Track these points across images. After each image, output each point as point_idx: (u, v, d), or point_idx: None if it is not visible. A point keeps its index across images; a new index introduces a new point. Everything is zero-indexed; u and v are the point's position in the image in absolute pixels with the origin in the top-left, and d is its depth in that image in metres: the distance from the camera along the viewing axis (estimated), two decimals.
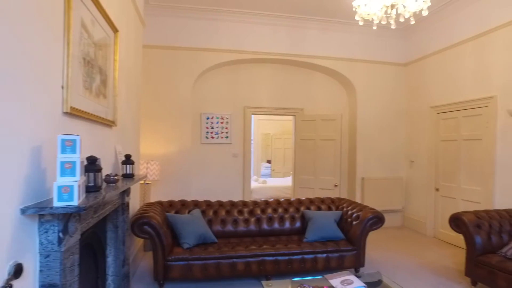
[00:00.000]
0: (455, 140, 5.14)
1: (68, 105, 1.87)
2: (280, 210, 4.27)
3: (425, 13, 3.01)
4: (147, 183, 4.92)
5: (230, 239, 3.92)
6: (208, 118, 5.80)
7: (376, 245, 5.08)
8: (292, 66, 6.19)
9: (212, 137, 5.82)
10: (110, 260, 2.89)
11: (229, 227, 4.05)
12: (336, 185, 6.01)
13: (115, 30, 2.84)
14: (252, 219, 4.14)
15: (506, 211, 3.78)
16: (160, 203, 4.09)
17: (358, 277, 2.72)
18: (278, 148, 11.47)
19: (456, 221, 3.63)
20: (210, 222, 4.02)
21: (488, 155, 4.52)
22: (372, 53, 6.15)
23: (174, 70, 5.37)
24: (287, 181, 8.85)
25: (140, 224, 3.27)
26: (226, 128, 5.88)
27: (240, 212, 4.18)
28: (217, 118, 5.84)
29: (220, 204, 4.26)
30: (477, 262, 3.41)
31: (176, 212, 4.00)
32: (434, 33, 5.54)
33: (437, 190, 5.49)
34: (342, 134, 6.23)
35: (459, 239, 4.74)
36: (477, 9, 4.71)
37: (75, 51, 1.98)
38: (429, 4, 3.02)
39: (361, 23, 3.17)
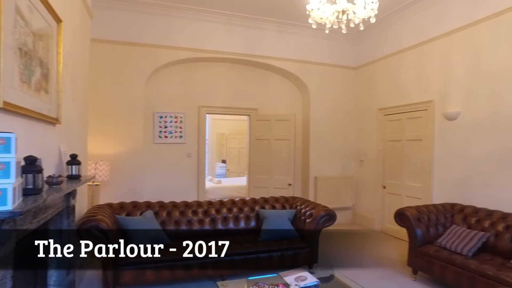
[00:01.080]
0: (400, 140, 5.49)
1: (0, 100, 1.70)
2: (235, 209, 4.26)
3: (373, 20, 3.17)
4: (96, 185, 4.65)
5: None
6: (161, 117, 5.63)
7: (328, 242, 5.25)
8: (248, 66, 6.21)
9: (166, 137, 5.66)
10: (52, 269, 2.68)
11: (183, 228, 3.96)
12: (290, 184, 6.14)
13: (58, 20, 2.64)
14: (207, 220, 4.08)
15: (442, 205, 4.11)
16: (109, 205, 3.88)
17: (312, 273, 2.80)
18: (233, 147, 11.46)
19: (400, 216, 3.88)
20: (163, 224, 3.89)
21: (428, 154, 4.88)
22: (325, 56, 6.36)
23: (126, 67, 5.13)
24: (242, 181, 8.85)
25: (88, 228, 3.08)
26: (180, 128, 5.74)
27: (195, 213, 4.11)
28: (171, 117, 5.69)
29: (174, 205, 4.15)
30: (418, 253, 3.68)
31: (128, 214, 3.82)
32: (381, 39, 5.87)
33: (384, 187, 5.83)
34: (296, 134, 6.38)
35: (403, 232, 5.05)
36: (418, 21, 5.07)
37: (8, 39, 1.79)
38: (376, 12, 3.19)
39: (314, 26, 3.26)
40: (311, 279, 2.62)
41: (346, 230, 6.02)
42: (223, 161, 11.88)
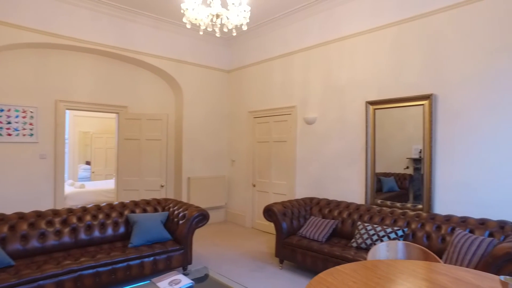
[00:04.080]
0: (268, 141, 5.97)
1: None
2: (101, 216, 3.86)
3: (245, 27, 3.35)
4: None
5: (35, 258, 3.26)
6: (2, 111, 4.65)
7: (202, 242, 5.31)
8: (118, 60, 5.73)
9: (10, 134, 4.71)
10: None
11: (34, 243, 3.36)
12: (162, 186, 5.94)
13: None
14: (66, 230, 3.57)
15: (303, 199, 4.66)
16: None
17: (186, 275, 2.76)
18: (100, 148, 10.38)
19: (268, 212, 4.21)
20: (3, 241, 3.22)
21: (291, 154, 5.46)
22: (200, 57, 6.40)
23: None
24: (110, 184, 8.13)
25: None
26: (31, 124, 4.87)
27: (50, 223, 3.54)
28: (17, 111, 4.76)
29: (21, 216, 3.48)
30: (283, 244, 4.07)
31: None
32: (253, 46, 6.27)
33: (254, 186, 6.23)
34: (168, 134, 6.22)
35: (271, 227, 5.55)
36: (284, 34, 5.62)
37: None
38: (248, 21, 3.39)
39: (188, 26, 3.24)
40: (185, 281, 2.59)
41: (220, 228, 6.18)
42: (88, 163, 10.64)
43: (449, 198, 3.66)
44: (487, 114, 3.42)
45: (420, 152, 3.89)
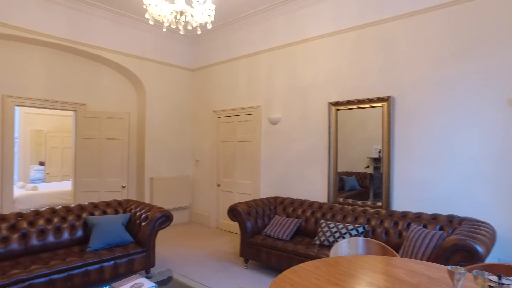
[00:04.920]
0: (232, 141, 5.95)
1: None
2: (56, 219, 3.64)
3: (209, 26, 3.31)
4: None
5: None
6: None
7: (166, 243, 5.19)
8: (75, 55, 5.44)
9: None
10: None
11: None
12: (124, 187, 5.73)
13: None
14: (15, 236, 3.33)
15: (267, 198, 4.70)
16: None
17: (149, 278, 2.68)
18: (55, 147, 9.80)
19: (233, 212, 4.20)
20: None
21: (256, 154, 5.48)
22: (163, 55, 6.24)
23: None
24: (66, 185, 7.71)
25: None
26: None
27: None
28: None
29: None
30: (248, 243, 4.08)
31: None
32: (218, 45, 6.22)
33: (218, 185, 6.19)
34: (130, 133, 6.01)
35: (236, 226, 5.53)
36: (249, 34, 5.63)
37: None
38: (213, 19, 3.36)
39: (151, 22, 3.15)
40: (148, 285, 2.51)
41: (184, 229, 6.08)
42: (41, 163, 10.02)
43: (406, 195, 3.86)
44: (438, 116, 3.64)
45: (379, 151, 4.06)
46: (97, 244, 3.51)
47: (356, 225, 3.63)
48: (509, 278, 1.26)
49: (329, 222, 3.81)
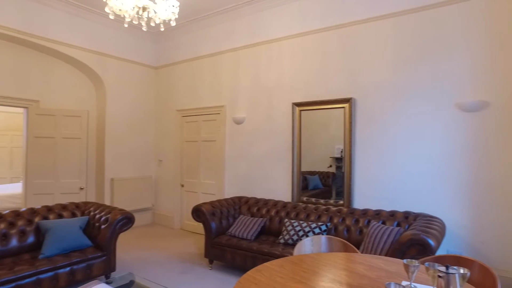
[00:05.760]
0: (196, 141, 5.87)
1: None
2: (2, 225, 3.39)
3: (173, 23, 3.25)
4: None
5: None
6: None
7: (128, 246, 5.01)
8: (26, 48, 5.09)
9: None
10: None
11: None
12: (82, 188, 5.46)
13: None
14: None
15: (232, 198, 4.69)
16: None
17: (109, 283, 2.58)
18: (3, 147, 9.12)
19: (197, 212, 4.15)
20: None
21: (220, 154, 5.45)
22: (125, 51, 6.02)
23: None
24: (16, 188, 7.20)
25: None
26: None
27: None
28: None
29: None
30: (213, 244, 4.04)
31: None
32: (181, 43, 6.10)
33: (182, 186, 6.08)
34: (89, 132, 5.74)
35: (200, 227, 5.47)
36: (214, 33, 5.58)
37: None
38: (177, 16, 3.29)
39: (111, 16, 3.03)
40: None
41: (147, 231, 5.91)
42: None
43: (366, 193, 4.02)
44: (395, 117, 3.83)
45: (341, 151, 4.19)
46: (51, 250, 3.31)
47: (319, 223, 3.72)
48: (455, 267, 1.38)
49: (293, 221, 3.88)
